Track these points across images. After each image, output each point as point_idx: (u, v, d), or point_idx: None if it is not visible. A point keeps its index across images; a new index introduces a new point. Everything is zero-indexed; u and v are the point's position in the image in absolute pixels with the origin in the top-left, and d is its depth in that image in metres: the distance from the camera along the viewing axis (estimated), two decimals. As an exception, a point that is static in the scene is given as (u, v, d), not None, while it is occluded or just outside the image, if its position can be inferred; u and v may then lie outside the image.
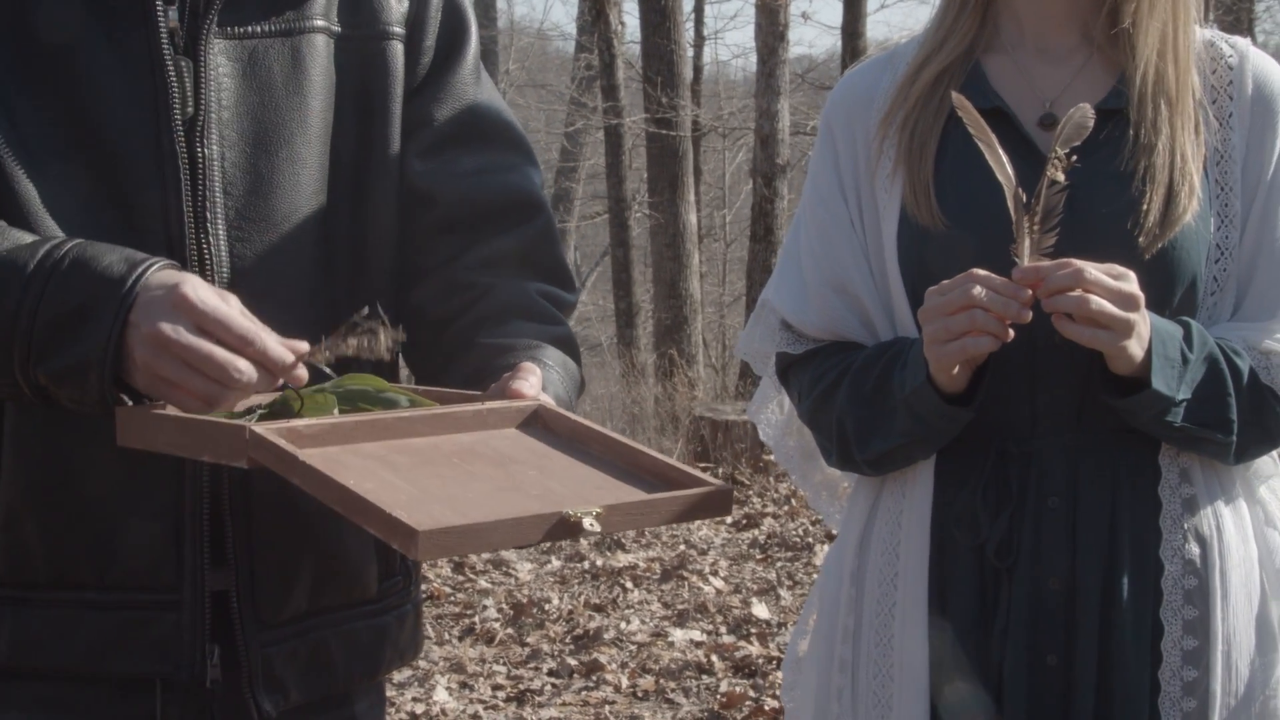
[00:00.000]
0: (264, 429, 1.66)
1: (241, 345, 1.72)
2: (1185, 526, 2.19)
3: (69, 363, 1.74)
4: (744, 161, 24.21)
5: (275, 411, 1.80)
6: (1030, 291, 2.03)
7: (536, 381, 1.93)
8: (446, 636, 6.85)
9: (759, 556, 8.27)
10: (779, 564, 8.08)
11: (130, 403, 1.78)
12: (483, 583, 7.61)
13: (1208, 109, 2.24)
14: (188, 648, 1.97)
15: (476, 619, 7.03)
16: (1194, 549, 2.19)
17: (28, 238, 1.82)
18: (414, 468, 1.70)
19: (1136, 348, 2.04)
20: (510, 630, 6.92)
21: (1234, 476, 2.24)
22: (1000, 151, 2.11)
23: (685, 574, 7.81)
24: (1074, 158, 2.11)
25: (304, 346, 1.78)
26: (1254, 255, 2.22)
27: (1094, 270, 2.01)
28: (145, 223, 1.93)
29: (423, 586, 2.40)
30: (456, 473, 1.72)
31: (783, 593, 7.44)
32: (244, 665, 2.00)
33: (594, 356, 23.12)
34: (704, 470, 10.41)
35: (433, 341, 2.12)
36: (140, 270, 1.75)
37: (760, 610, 7.07)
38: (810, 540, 8.45)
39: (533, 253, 2.20)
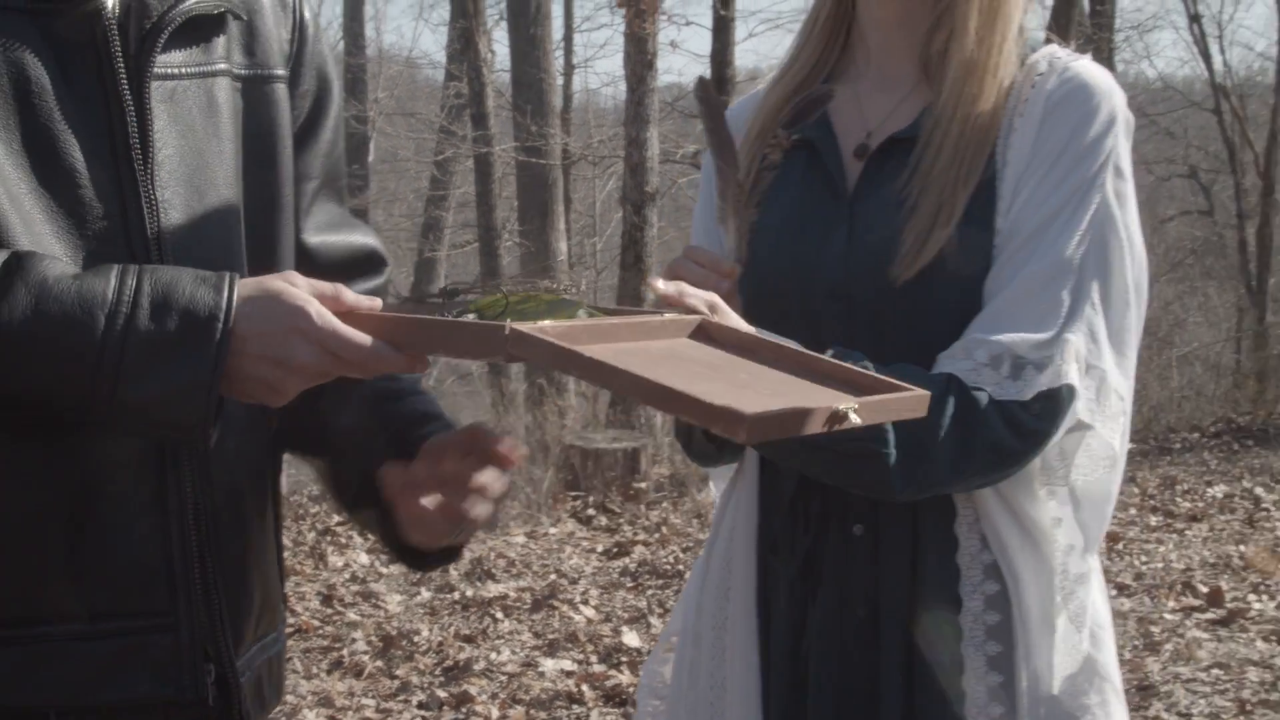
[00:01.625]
0: (525, 327, 1.67)
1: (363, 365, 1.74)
2: (984, 562, 2.19)
3: (173, 385, 1.71)
4: (614, 189, 24.24)
5: (483, 313, 1.82)
6: (731, 267, 2.03)
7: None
8: (314, 670, 6.78)
9: (630, 585, 8.27)
10: (650, 592, 8.08)
11: None
12: (351, 615, 7.55)
13: (1009, 126, 2.19)
14: (189, 667, 1.94)
15: (345, 652, 6.97)
16: (993, 586, 2.19)
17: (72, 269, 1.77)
18: (653, 366, 1.70)
19: None
20: (379, 663, 6.85)
21: (1028, 510, 2.20)
22: (725, 137, 2.14)
23: (556, 603, 7.78)
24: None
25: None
26: (1006, 243, 2.15)
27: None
28: (109, 257, 1.88)
29: (289, 620, 2.39)
30: (690, 371, 1.74)
31: (653, 620, 7.44)
32: (234, 682, 1.99)
33: (465, 386, 23.01)
34: (575, 499, 10.44)
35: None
36: (228, 291, 1.73)
37: (631, 639, 7.06)
38: (681, 568, 8.46)
39: None
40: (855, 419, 1.66)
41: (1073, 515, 2.24)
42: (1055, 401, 2.11)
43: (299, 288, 1.74)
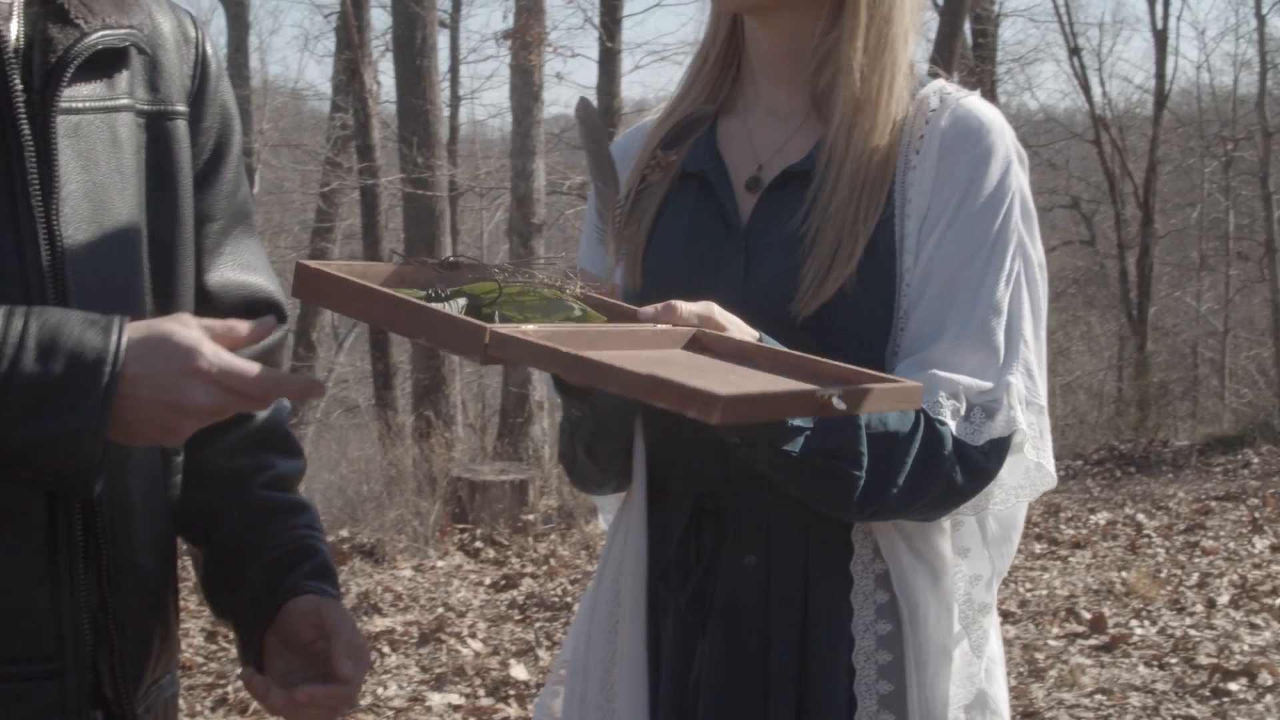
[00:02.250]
0: (506, 330, 1.68)
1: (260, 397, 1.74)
2: (878, 602, 2.20)
3: (54, 431, 1.67)
4: (501, 221, 24.22)
5: (475, 299, 1.85)
6: (612, 287, 2.03)
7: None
8: (199, 708, 6.69)
9: (517, 617, 8.23)
10: (538, 624, 8.05)
11: None
12: (235, 651, 7.46)
13: (905, 163, 2.20)
14: (74, 714, 1.89)
15: (230, 689, 6.88)
16: (886, 626, 2.20)
17: None
18: (634, 362, 1.69)
19: None
20: (264, 699, 6.76)
21: (929, 546, 2.22)
22: (605, 157, 2.14)
23: (443, 637, 7.73)
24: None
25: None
26: (919, 298, 2.16)
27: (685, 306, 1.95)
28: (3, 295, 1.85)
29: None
30: (673, 369, 1.72)
31: (541, 653, 7.41)
32: None
33: (351, 418, 22.89)
34: (462, 532, 10.38)
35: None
36: (117, 334, 1.71)
37: (519, 671, 7.03)
38: (569, 600, 8.43)
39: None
40: (840, 405, 1.67)
41: (982, 545, 2.27)
42: (1004, 445, 2.15)
43: (190, 327, 1.72)
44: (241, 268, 2.18)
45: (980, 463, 2.13)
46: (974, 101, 2.24)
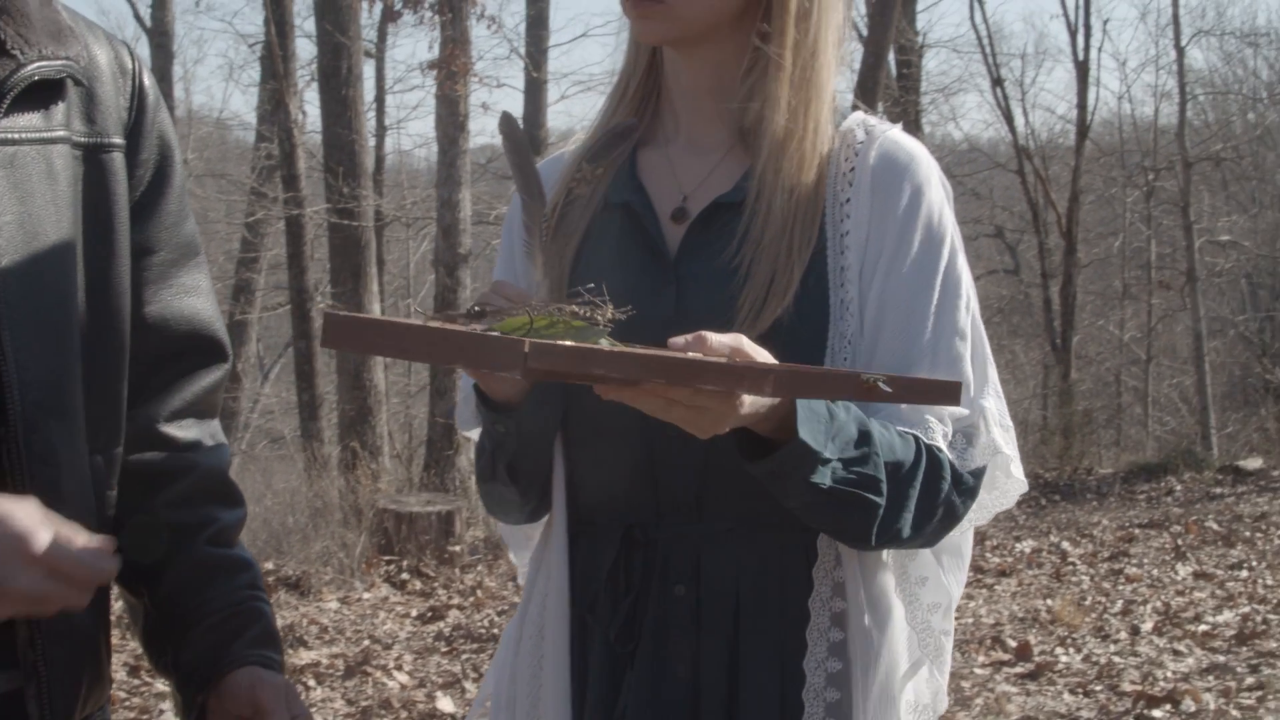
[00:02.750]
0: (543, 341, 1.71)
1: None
2: (831, 639, 2.20)
3: None
4: (428, 251, 24.17)
5: (506, 334, 1.86)
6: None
7: None
8: (121, 743, 6.63)
9: (444, 649, 8.20)
10: (464, 656, 8.01)
11: None
12: (159, 685, 7.38)
13: (835, 196, 2.23)
14: None
15: (153, 724, 6.82)
16: (836, 664, 2.20)
17: None
18: None
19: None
20: (188, 734, 6.70)
21: (907, 568, 2.25)
22: (530, 170, 2.16)
23: (369, 669, 7.69)
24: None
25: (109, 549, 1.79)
26: (877, 331, 2.18)
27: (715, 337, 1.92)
28: None
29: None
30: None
31: (468, 685, 7.37)
32: None
33: (277, 450, 22.75)
34: (389, 563, 10.32)
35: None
36: None
37: (445, 704, 6.99)
38: (496, 631, 8.40)
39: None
40: (885, 388, 1.75)
41: (939, 572, 2.30)
42: (988, 468, 2.22)
43: (30, 511, 1.72)
44: (184, 302, 2.15)
45: (971, 485, 2.18)
46: (899, 134, 2.27)
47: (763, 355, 1.92)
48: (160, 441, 2.15)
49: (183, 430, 2.17)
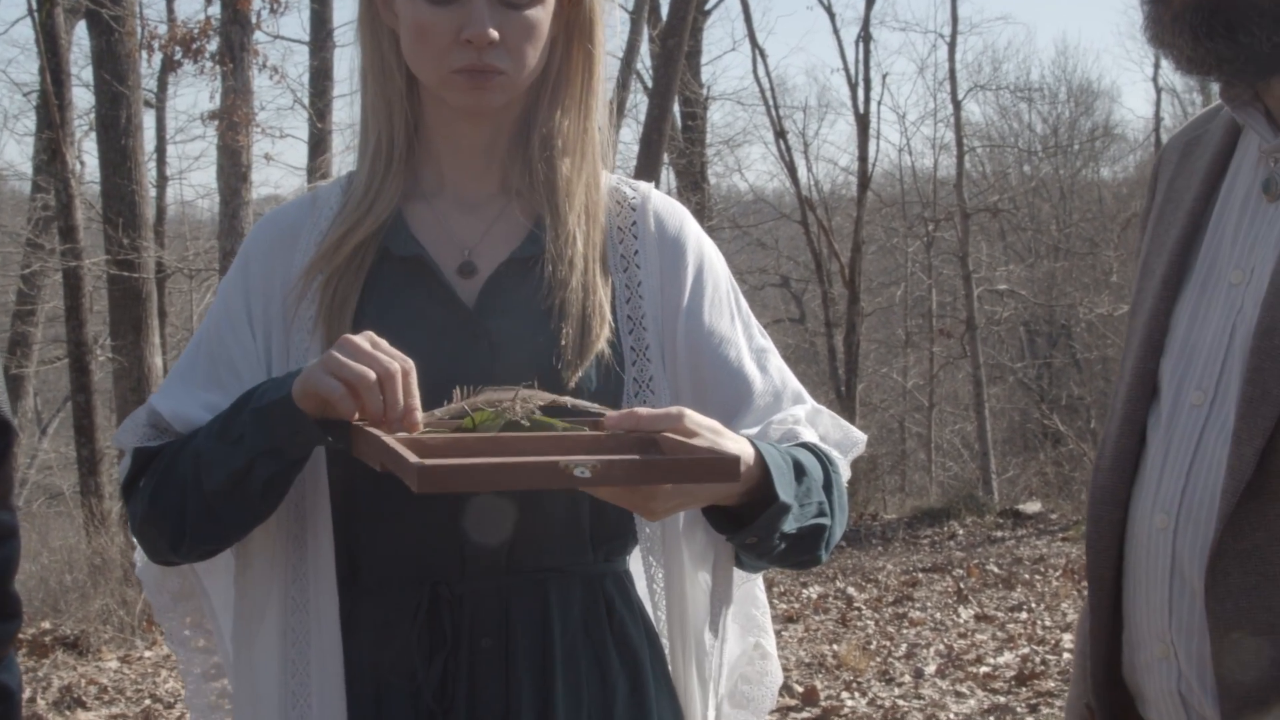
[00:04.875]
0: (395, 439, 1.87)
1: None
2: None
3: None
4: (211, 302, 23.85)
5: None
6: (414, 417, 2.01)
7: None
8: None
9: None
10: (248, 715, 7.85)
11: None
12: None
13: (615, 248, 2.33)
14: None
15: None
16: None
17: None
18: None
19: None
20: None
21: (693, 614, 2.30)
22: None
23: (149, 730, 7.52)
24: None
25: None
26: (696, 376, 2.29)
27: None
28: None
29: None
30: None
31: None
32: None
33: (55, 506, 22.20)
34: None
35: None
36: None
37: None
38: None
39: None
40: (583, 474, 1.76)
41: (757, 591, 2.45)
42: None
43: None
44: None
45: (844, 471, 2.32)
46: (664, 195, 2.41)
47: (711, 430, 2.01)
48: None
49: None
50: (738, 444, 2.02)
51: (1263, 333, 1.96)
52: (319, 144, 15.81)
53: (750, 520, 2.07)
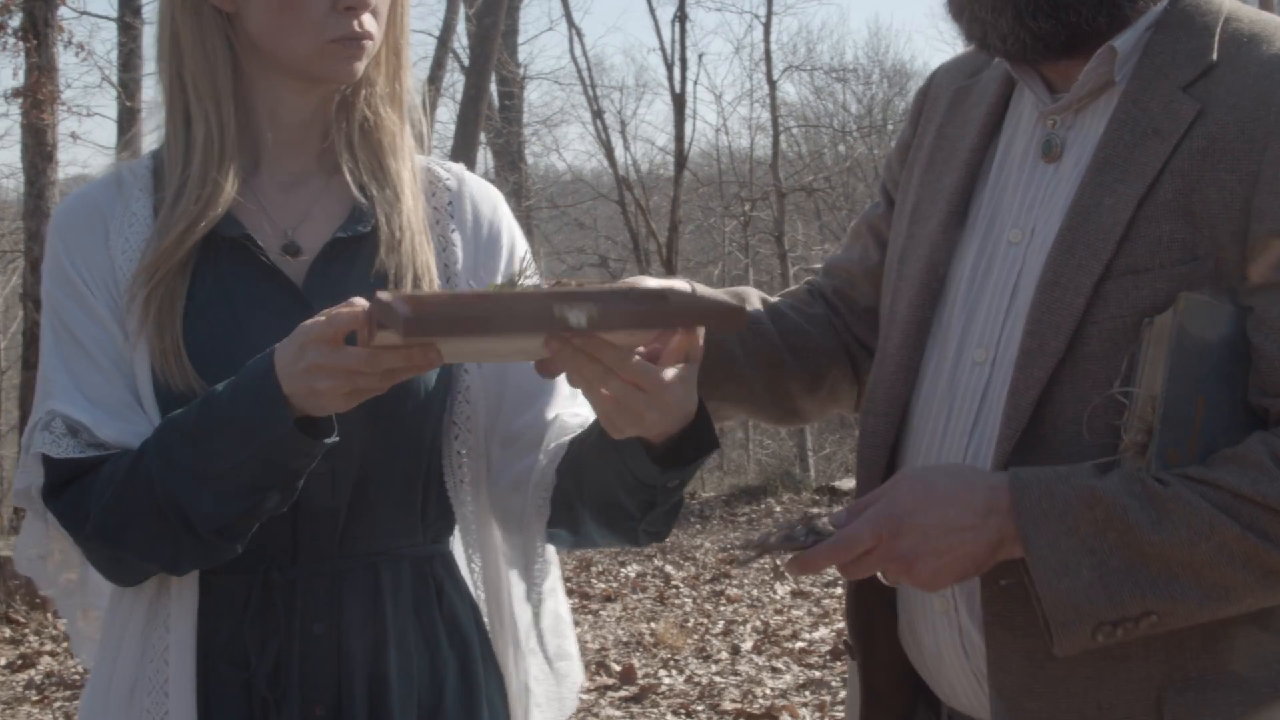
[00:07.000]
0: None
1: None
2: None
3: None
4: (17, 285, 23.33)
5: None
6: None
7: None
8: None
9: (35, 698, 7.91)
10: (57, 704, 7.76)
11: None
12: None
13: (434, 228, 2.32)
14: None
15: None
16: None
17: None
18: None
19: None
20: None
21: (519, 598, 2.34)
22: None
23: (-47, 723, 7.36)
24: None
25: None
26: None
27: None
28: None
29: None
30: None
31: (60, 735, 7.12)
32: None
33: None
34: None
35: None
36: None
37: (35, 756, 6.74)
38: (90, 677, 8.12)
39: None
40: (579, 321, 1.74)
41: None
42: None
43: None
44: None
45: None
46: (476, 176, 2.41)
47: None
48: None
49: None
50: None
51: (1044, 286, 2.03)
52: (128, 122, 15.51)
53: (689, 459, 1.99)
